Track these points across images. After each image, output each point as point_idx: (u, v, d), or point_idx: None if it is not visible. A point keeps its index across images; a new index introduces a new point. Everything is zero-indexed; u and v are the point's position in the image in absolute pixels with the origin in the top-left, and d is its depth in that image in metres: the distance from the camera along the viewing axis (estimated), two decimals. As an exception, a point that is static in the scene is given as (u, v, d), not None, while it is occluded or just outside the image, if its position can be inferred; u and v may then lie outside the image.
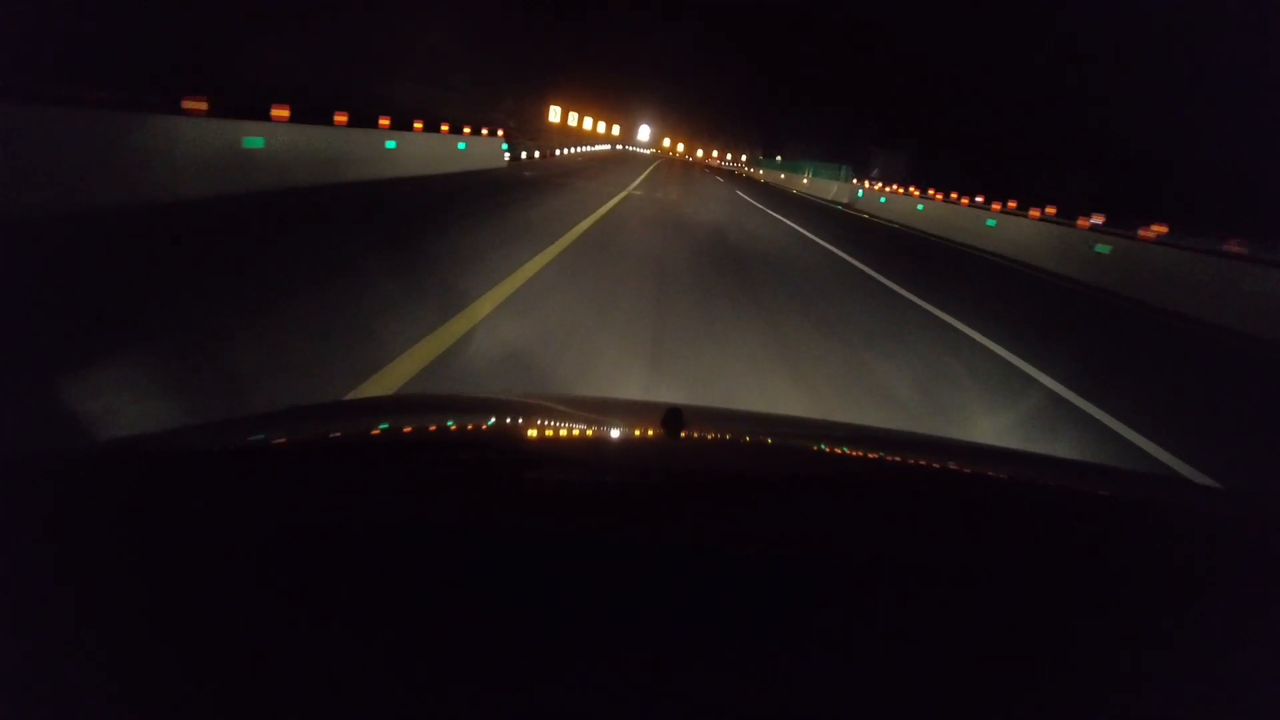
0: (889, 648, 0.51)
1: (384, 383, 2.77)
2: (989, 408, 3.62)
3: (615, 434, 1.10)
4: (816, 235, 11.75)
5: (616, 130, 66.89)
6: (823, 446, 1.16)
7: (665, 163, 51.92)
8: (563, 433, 1.09)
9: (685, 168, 48.05)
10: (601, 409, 1.32)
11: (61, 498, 0.62)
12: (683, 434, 0.91)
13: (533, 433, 1.07)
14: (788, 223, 13.81)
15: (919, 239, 14.63)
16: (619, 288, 5.21)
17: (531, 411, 1.22)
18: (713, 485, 0.80)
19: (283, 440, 0.89)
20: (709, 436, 1.08)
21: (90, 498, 0.62)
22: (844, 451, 1.14)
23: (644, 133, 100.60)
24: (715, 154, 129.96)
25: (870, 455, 1.13)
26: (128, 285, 3.67)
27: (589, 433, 1.09)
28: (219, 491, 0.65)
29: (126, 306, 3.29)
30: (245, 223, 5.96)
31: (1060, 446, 3.16)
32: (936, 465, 1.10)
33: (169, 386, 2.48)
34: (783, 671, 0.48)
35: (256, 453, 0.80)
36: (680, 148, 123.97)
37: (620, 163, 34.25)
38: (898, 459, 1.11)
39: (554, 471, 0.81)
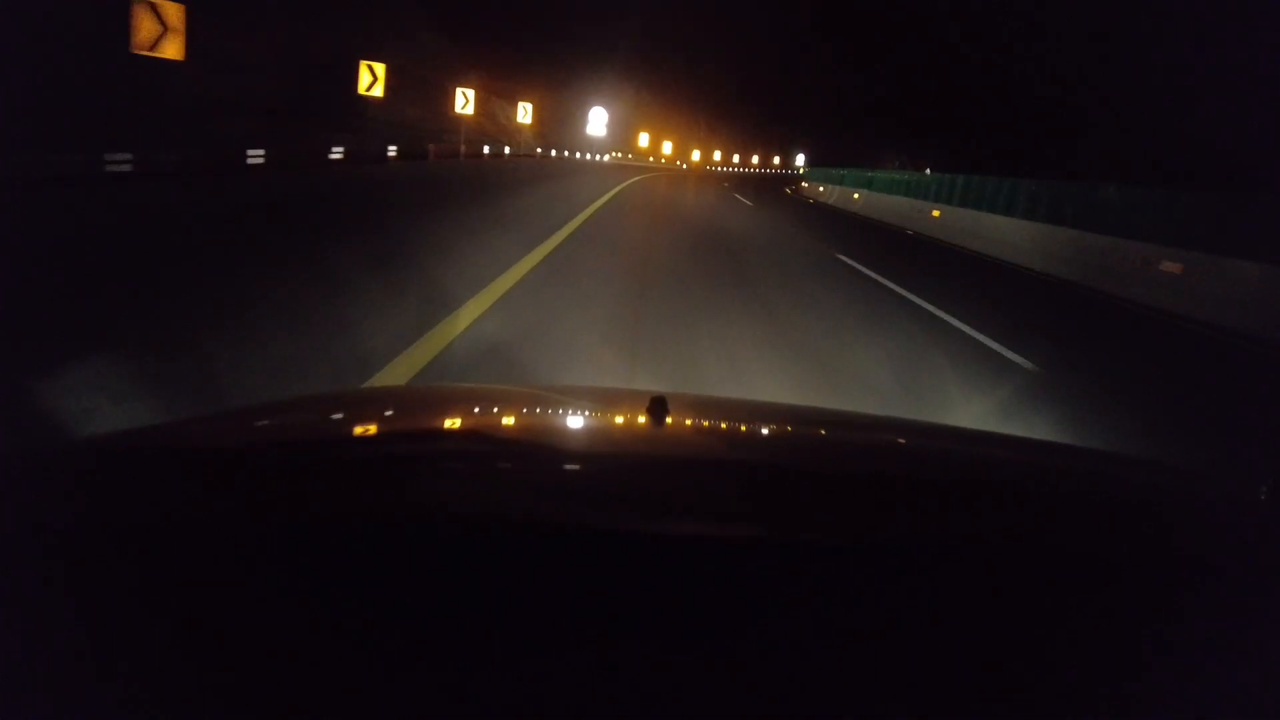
0: (877, 634, 0.51)
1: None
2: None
3: (601, 423, 1.10)
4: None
5: (528, 115, 29.19)
6: (808, 432, 1.17)
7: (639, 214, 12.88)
8: (546, 422, 1.09)
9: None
10: (587, 398, 1.33)
11: (67, 492, 0.62)
12: (668, 421, 0.92)
13: (516, 422, 1.08)
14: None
15: None
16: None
17: (514, 401, 1.22)
18: (699, 472, 0.80)
19: (256, 440, 0.89)
20: (694, 424, 1.08)
21: (93, 492, 0.62)
22: (830, 436, 1.15)
23: (597, 121, 46.62)
24: (726, 157, 75.95)
25: (857, 440, 1.14)
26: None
27: (574, 422, 1.09)
28: (212, 488, 0.65)
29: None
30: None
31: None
32: (924, 450, 1.11)
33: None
34: (772, 659, 0.48)
35: (234, 452, 0.80)
36: (661, 151, 63.83)
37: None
38: (885, 444, 1.12)
39: (537, 461, 0.81)
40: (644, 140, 61.30)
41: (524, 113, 29.19)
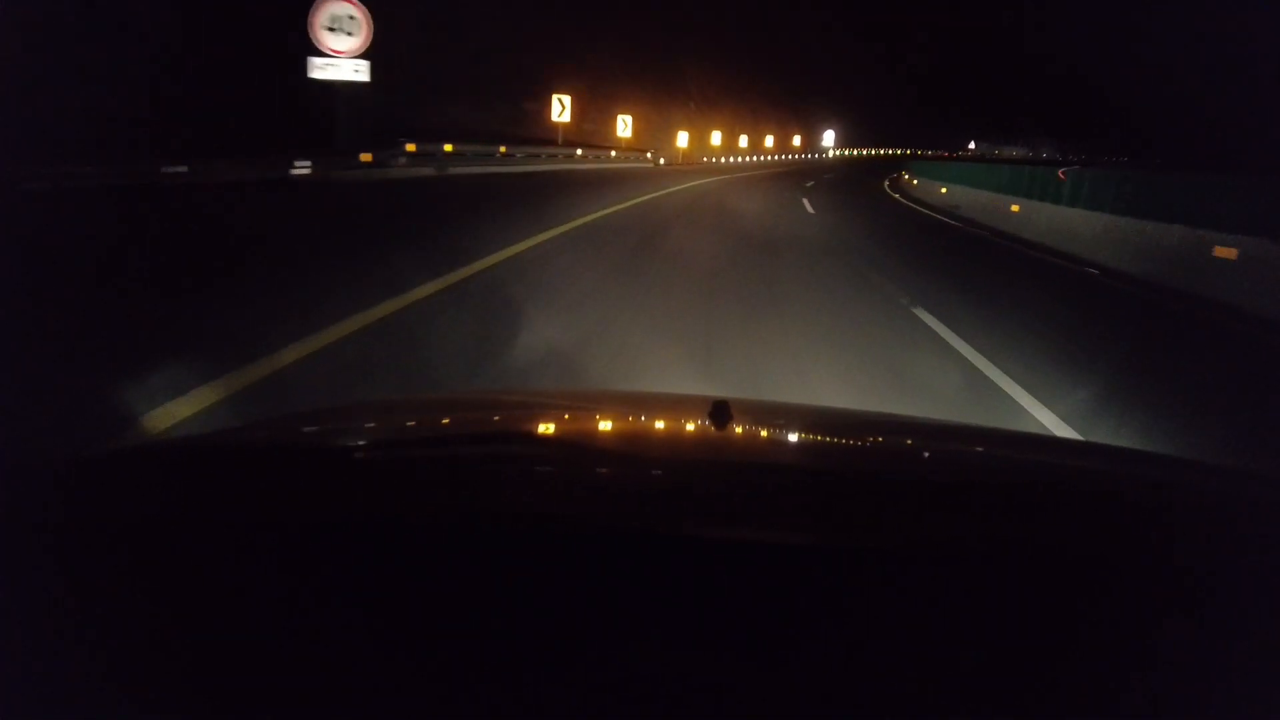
0: (930, 638, 0.52)
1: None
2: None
3: (664, 428, 1.12)
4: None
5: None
6: (872, 439, 1.16)
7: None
8: (609, 427, 1.11)
9: None
10: (648, 404, 1.35)
11: (66, 503, 0.62)
12: (731, 428, 0.93)
13: (579, 426, 1.10)
14: None
15: None
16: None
17: (576, 405, 1.25)
18: (759, 478, 0.81)
19: (335, 440, 0.90)
20: (756, 430, 1.09)
21: (101, 502, 0.63)
22: (892, 443, 1.14)
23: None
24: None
25: (919, 447, 1.13)
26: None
27: (636, 427, 1.11)
28: (227, 492, 0.64)
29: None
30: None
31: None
32: (986, 456, 1.10)
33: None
34: (833, 666, 0.49)
35: (309, 451, 0.80)
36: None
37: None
38: (946, 451, 1.10)
39: (599, 465, 0.82)
40: (557, 111, 27.01)
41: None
